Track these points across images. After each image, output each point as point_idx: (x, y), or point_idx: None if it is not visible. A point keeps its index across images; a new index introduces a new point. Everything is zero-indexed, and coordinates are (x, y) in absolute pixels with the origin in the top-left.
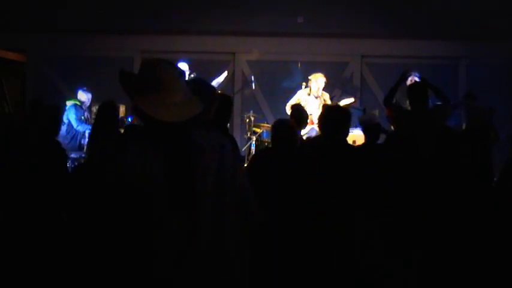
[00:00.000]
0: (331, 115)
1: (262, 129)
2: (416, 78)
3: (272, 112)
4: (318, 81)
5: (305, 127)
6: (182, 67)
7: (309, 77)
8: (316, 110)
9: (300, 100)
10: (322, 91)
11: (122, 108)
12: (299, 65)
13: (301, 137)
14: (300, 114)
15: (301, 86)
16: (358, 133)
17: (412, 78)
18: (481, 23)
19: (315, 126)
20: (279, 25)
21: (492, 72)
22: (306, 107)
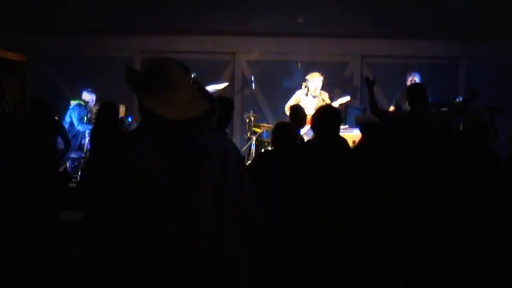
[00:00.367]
0: (324, 115)
1: (262, 129)
2: (417, 78)
3: (272, 112)
4: (314, 80)
5: (304, 127)
6: None
7: (305, 77)
8: (314, 109)
9: (299, 100)
10: (321, 90)
11: (122, 108)
12: (299, 65)
13: (301, 137)
14: (299, 114)
15: (301, 86)
16: (358, 133)
17: (412, 78)
18: (481, 23)
19: None
20: (279, 25)
21: (492, 72)
22: (305, 107)
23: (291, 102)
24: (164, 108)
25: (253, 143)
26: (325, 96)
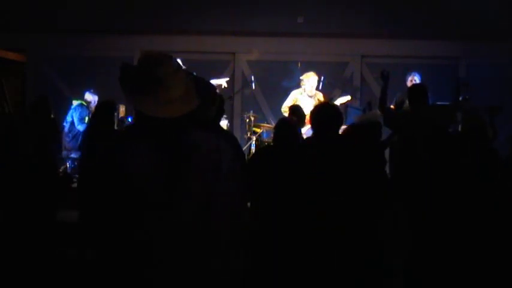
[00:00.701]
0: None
1: (262, 129)
2: (417, 78)
3: (272, 112)
4: (310, 80)
5: (303, 126)
6: None
7: (300, 77)
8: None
9: (295, 101)
10: (316, 90)
11: (122, 108)
12: (299, 65)
13: (302, 136)
14: (298, 114)
15: (300, 86)
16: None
17: (412, 78)
18: (481, 23)
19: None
20: (279, 25)
21: (492, 72)
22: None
23: (288, 102)
24: (154, 107)
25: (253, 143)
26: (320, 96)
